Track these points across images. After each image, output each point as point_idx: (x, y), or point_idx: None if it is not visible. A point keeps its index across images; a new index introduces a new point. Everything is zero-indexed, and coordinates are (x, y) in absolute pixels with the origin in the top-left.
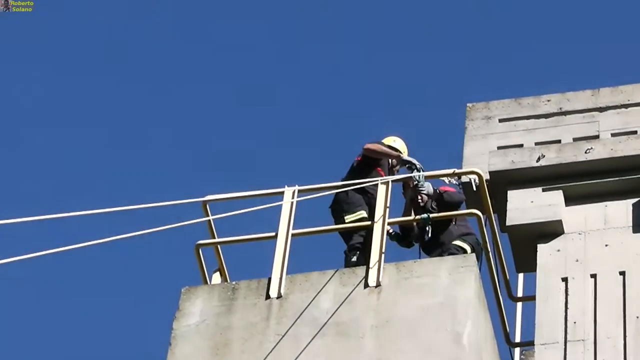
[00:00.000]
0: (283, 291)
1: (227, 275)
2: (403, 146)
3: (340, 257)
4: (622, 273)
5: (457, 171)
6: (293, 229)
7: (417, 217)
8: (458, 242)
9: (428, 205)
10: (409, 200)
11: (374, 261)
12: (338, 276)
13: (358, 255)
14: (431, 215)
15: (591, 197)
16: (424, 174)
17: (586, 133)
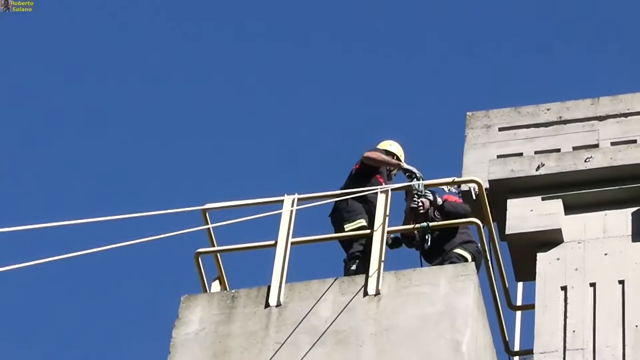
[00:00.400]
0: (282, 299)
1: (227, 283)
2: (399, 150)
3: (339, 266)
4: (622, 282)
5: (457, 180)
6: (292, 237)
7: (417, 226)
8: (459, 250)
9: (430, 213)
10: (409, 208)
11: (374, 269)
12: (337, 284)
13: (357, 263)
14: (430, 223)
15: (590, 206)
16: (424, 183)
17: (586, 142)
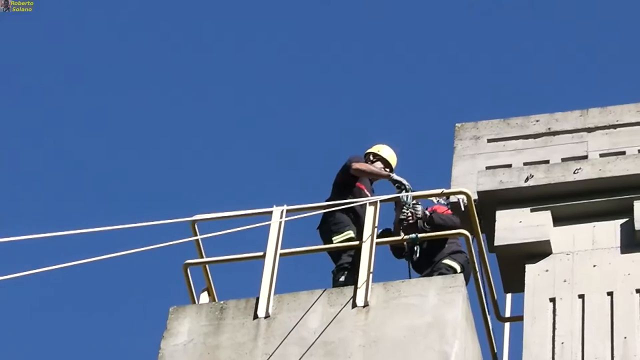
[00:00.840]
0: (271, 311)
1: (215, 294)
2: (391, 156)
3: (328, 277)
4: (610, 293)
5: (446, 191)
6: (281, 249)
7: (405, 237)
8: (448, 261)
9: (420, 224)
10: (398, 219)
11: (362, 281)
12: (326, 296)
13: (346, 275)
14: (419, 235)
15: (579, 218)
16: (412, 195)
17: (575, 153)
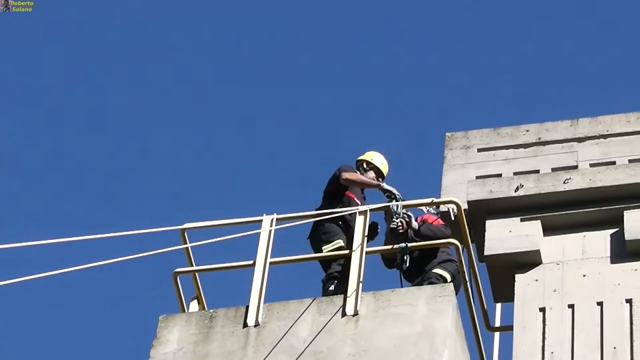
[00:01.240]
0: (261, 319)
1: (205, 303)
2: (383, 164)
3: (318, 286)
4: (600, 303)
5: (436, 200)
6: (271, 257)
7: (395, 247)
8: (438, 270)
9: (410, 233)
10: (389, 229)
11: (352, 290)
12: (316, 305)
13: (336, 284)
14: (409, 244)
15: (569, 228)
16: (402, 204)
17: (565, 163)
